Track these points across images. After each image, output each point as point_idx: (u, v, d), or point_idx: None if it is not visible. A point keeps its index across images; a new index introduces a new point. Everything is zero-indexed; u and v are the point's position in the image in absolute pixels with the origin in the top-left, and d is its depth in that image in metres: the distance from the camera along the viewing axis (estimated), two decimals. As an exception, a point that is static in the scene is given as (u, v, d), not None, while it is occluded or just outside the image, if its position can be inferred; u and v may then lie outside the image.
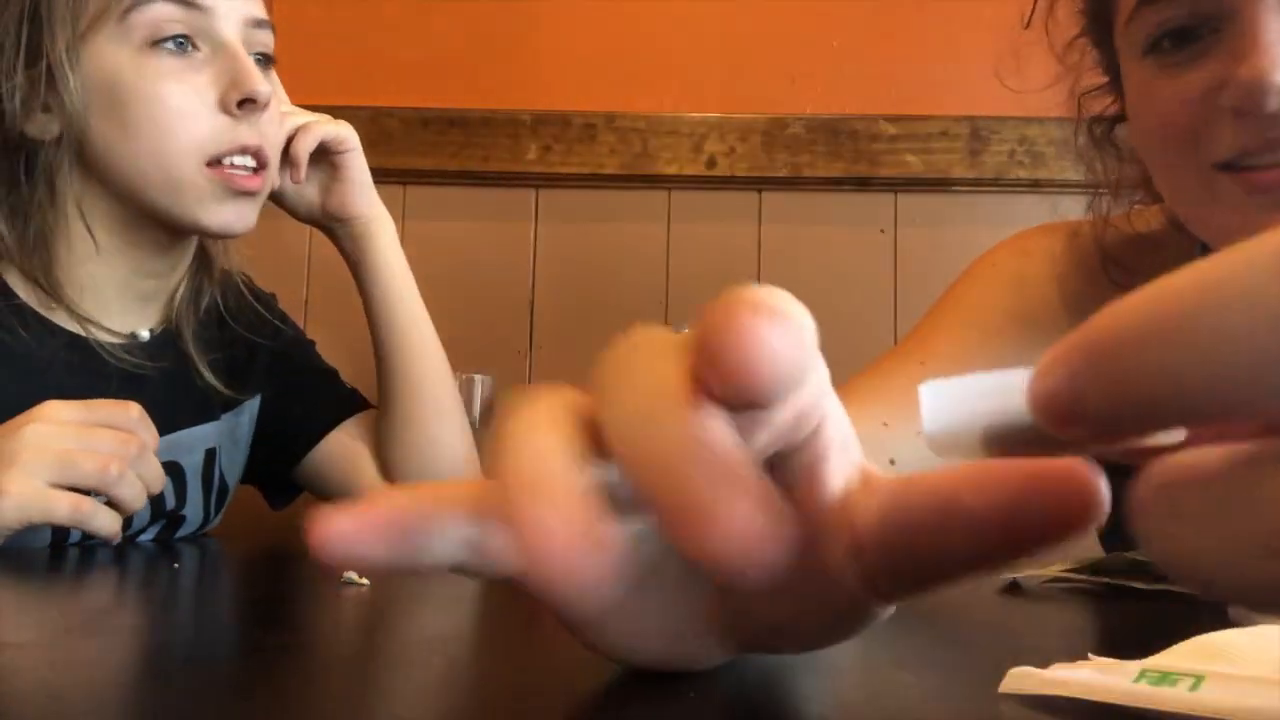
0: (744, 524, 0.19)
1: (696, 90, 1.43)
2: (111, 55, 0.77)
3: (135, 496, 0.68)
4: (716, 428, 0.21)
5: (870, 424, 0.62)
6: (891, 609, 0.28)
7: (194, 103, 0.78)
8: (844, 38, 1.44)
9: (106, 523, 0.66)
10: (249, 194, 0.80)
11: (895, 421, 0.62)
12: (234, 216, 0.81)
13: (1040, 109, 1.31)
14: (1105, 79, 0.70)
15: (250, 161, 0.80)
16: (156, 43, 0.77)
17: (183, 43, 0.78)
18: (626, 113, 1.41)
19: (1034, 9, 0.70)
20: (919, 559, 0.24)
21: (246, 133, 0.79)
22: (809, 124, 1.40)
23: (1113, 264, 0.69)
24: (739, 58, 1.44)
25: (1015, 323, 0.68)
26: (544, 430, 0.22)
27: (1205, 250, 0.71)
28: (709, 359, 0.20)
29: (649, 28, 1.45)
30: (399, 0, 1.47)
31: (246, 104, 0.78)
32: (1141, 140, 0.65)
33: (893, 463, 0.64)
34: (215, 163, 0.79)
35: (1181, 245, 0.72)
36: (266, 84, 0.79)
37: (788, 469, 0.25)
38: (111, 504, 0.68)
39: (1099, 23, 0.67)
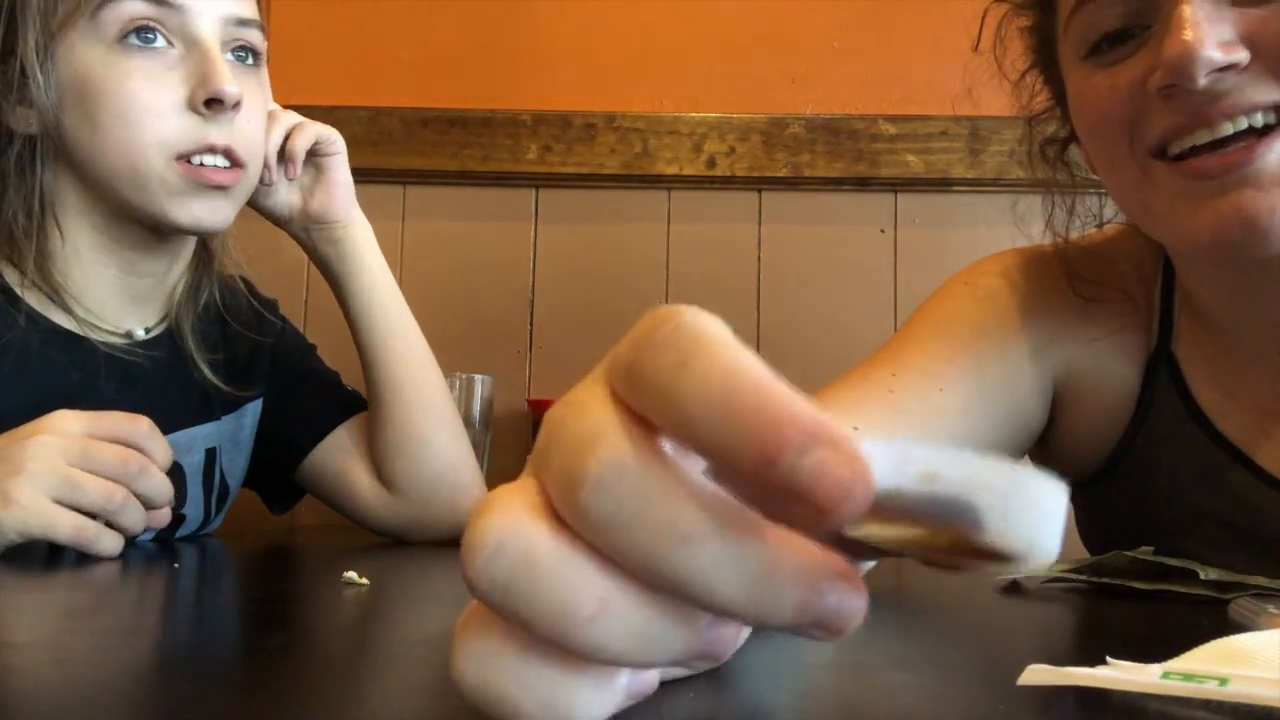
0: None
1: (696, 90, 1.43)
2: (83, 52, 0.77)
3: (137, 522, 0.67)
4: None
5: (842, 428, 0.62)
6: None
7: (161, 100, 0.77)
8: (844, 38, 1.44)
9: (108, 544, 0.65)
10: (221, 189, 0.80)
11: (866, 426, 0.62)
12: (205, 212, 0.80)
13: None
14: (1054, 104, 0.72)
15: (221, 160, 0.80)
16: (127, 40, 0.77)
17: (154, 39, 0.78)
18: (626, 113, 1.41)
19: (980, 34, 0.73)
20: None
21: (215, 132, 0.79)
22: (809, 124, 1.40)
23: (1077, 278, 0.71)
24: (739, 58, 1.44)
25: (984, 338, 0.70)
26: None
27: (1166, 259, 0.72)
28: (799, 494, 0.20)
29: (649, 28, 1.45)
30: (399, 0, 1.47)
31: (214, 104, 0.78)
32: (1086, 138, 0.66)
33: None
34: (184, 159, 0.78)
35: (1142, 253, 0.74)
36: (235, 85, 0.78)
37: None
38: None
39: (1044, 44, 0.69)
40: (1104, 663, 0.29)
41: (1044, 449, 0.76)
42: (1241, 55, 0.55)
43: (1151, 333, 0.71)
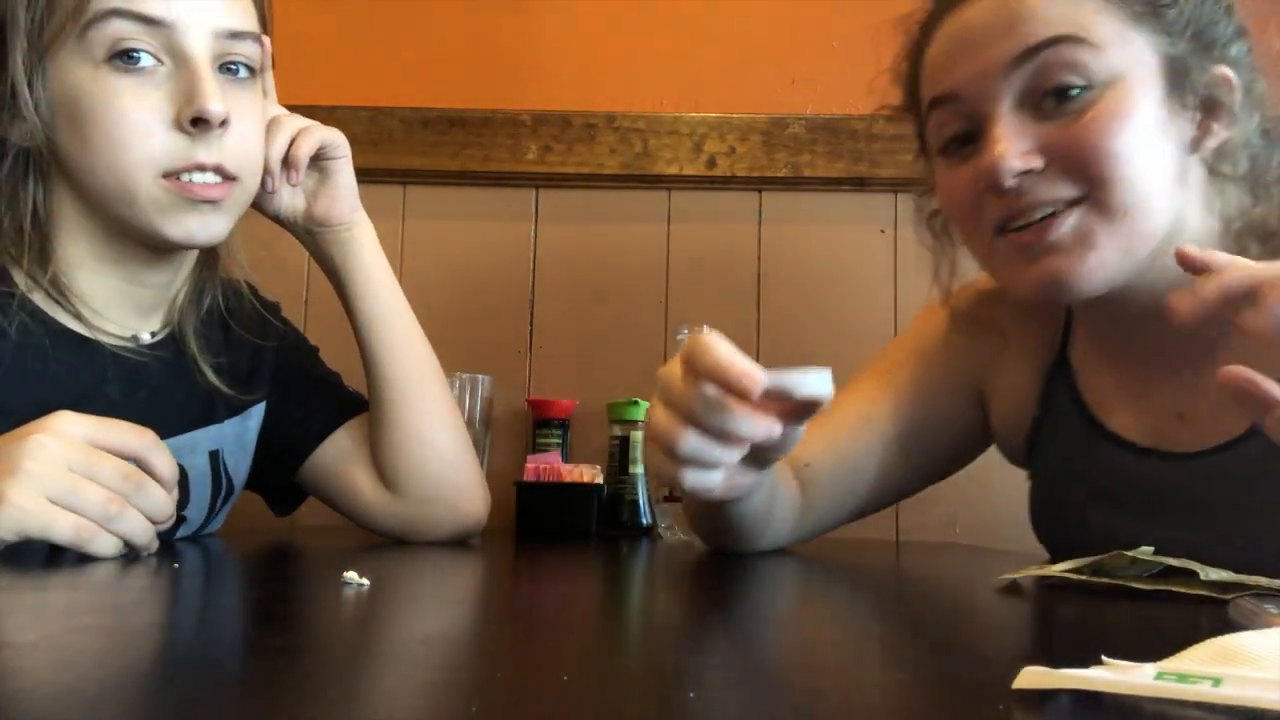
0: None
1: (696, 90, 1.43)
2: (73, 71, 0.77)
3: (139, 531, 0.66)
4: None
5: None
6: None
7: (148, 119, 0.77)
8: (844, 38, 1.44)
9: (105, 545, 0.65)
10: (212, 203, 0.80)
11: (810, 437, 0.76)
12: (197, 226, 0.80)
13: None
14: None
15: (211, 177, 0.79)
16: (115, 59, 0.77)
17: (140, 58, 0.77)
18: (626, 113, 1.41)
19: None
20: None
21: (203, 151, 0.78)
22: (809, 124, 1.40)
23: (960, 316, 0.95)
24: (739, 58, 1.44)
25: (921, 364, 0.96)
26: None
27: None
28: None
29: (649, 28, 1.45)
30: (399, 0, 1.47)
31: (200, 123, 0.77)
32: (950, 218, 0.85)
33: (808, 465, 0.91)
34: (173, 176, 0.78)
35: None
36: (220, 103, 0.78)
37: None
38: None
39: (924, 145, 0.87)
40: (1100, 663, 0.30)
41: (993, 440, 0.97)
42: (1037, 162, 0.73)
43: (1054, 347, 0.90)
